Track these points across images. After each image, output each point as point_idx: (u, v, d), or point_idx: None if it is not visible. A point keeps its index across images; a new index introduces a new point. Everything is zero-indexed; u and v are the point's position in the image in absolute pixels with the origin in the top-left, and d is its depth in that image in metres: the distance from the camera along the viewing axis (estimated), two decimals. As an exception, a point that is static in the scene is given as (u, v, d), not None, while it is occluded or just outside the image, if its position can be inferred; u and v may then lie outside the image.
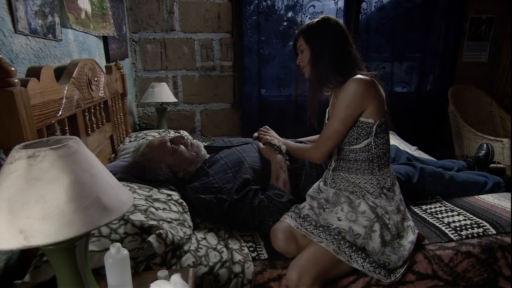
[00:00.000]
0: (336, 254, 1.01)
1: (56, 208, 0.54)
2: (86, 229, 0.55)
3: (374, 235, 1.05)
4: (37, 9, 1.11)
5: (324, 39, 1.13)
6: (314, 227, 1.09)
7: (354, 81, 1.07)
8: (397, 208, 1.11)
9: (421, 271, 1.09)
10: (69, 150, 0.58)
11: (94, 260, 0.86)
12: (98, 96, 1.53)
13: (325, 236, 1.05)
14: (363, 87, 1.06)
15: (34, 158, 0.55)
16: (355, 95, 1.06)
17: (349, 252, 1.02)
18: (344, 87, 1.09)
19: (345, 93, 1.08)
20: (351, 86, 1.07)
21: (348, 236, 1.05)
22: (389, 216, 1.09)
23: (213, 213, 1.24)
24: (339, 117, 1.09)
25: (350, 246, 1.03)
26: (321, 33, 1.14)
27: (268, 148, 1.44)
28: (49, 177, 0.55)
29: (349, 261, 1.01)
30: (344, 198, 1.12)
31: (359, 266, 1.01)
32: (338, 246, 1.03)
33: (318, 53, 1.13)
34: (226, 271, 1.00)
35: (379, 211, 1.09)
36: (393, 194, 1.14)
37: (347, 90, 1.07)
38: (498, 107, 2.94)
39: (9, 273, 0.92)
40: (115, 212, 0.60)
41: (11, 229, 0.52)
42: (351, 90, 1.07)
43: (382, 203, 1.10)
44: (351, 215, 1.08)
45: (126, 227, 0.94)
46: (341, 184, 1.16)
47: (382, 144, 1.13)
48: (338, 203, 1.11)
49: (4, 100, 0.83)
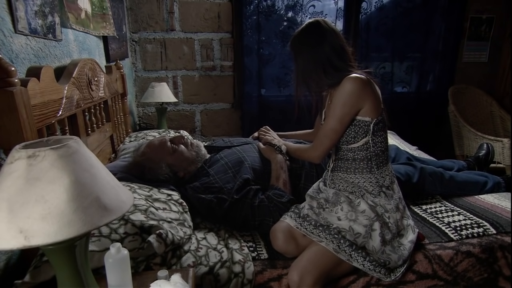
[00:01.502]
0: (336, 253, 1.01)
1: (56, 208, 0.54)
2: (86, 229, 0.55)
3: (374, 234, 1.05)
4: (37, 9, 1.11)
5: (307, 49, 1.13)
6: (313, 226, 1.09)
7: (350, 79, 1.07)
8: (396, 207, 1.11)
9: (421, 271, 1.09)
10: (69, 150, 0.58)
11: (94, 260, 0.86)
12: (98, 96, 1.53)
13: (324, 236, 1.05)
14: (358, 85, 1.06)
15: (34, 158, 0.55)
16: (351, 94, 1.06)
17: (349, 251, 1.02)
18: (340, 86, 1.09)
19: (341, 92, 1.08)
20: (347, 85, 1.07)
21: (348, 235, 1.05)
22: (388, 214, 1.09)
23: (213, 213, 1.24)
24: (336, 116, 1.09)
25: (350, 245, 1.03)
26: (303, 44, 1.14)
27: (268, 148, 1.44)
28: (49, 177, 0.55)
29: (349, 260, 1.01)
30: (344, 197, 1.11)
31: (359, 264, 1.01)
32: (338, 245, 1.03)
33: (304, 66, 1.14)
34: (226, 271, 1.00)
35: (378, 210, 1.09)
36: (392, 192, 1.14)
37: (343, 89, 1.07)
38: (498, 107, 2.94)
39: (9, 273, 0.92)
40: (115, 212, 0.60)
41: (11, 229, 0.52)
42: (347, 89, 1.06)
43: (382, 201, 1.10)
44: (351, 215, 1.08)
45: (126, 227, 0.94)
46: (340, 185, 1.16)
47: (380, 142, 1.13)
48: (337, 203, 1.11)
49: (4, 100, 0.83)
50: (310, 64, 1.13)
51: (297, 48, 1.16)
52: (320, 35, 1.11)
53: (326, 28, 1.12)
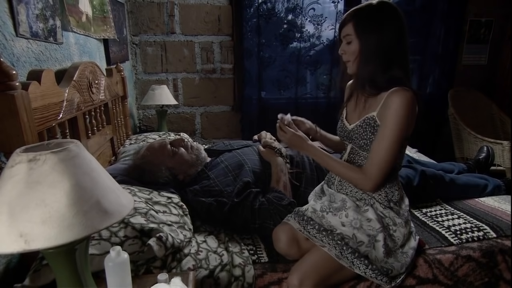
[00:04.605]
0: (338, 259, 1.00)
1: (57, 212, 0.54)
2: (86, 232, 0.55)
3: (378, 245, 1.02)
4: (39, 13, 1.12)
5: (382, 32, 0.94)
6: (317, 230, 1.06)
7: (406, 96, 0.93)
8: (406, 222, 1.07)
9: (421, 276, 1.08)
10: (70, 154, 0.58)
11: (94, 263, 0.86)
12: (98, 99, 1.54)
13: (327, 241, 1.03)
14: (413, 105, 0.95)
15: (35, 162, 0.55)
16: (407, 113, 0.94)
17: (351, 258, 1.00)
18: (393, 100, 0.94)
19: (396, 109, 0.93)
20: (403, 101, 0.93)
21: (351, 242, 1.02)
22: (396, 228, 1.05)
23: (214, 216, 1.24)
24: (391, 138, 0.96)
25: (353, 252, 1.00)
26: (381, 24, 0.94)
27: (268, 150, 1.44)
28: (49, 180, 0.55)
29: (351, 266, 0.99)
30: (350, 203, 1.08)
31: (361, 272, 0.99)
32: (340, 251, 1.00)
33: (372, 50, 0.95)
34: (226, 274, 1.00)
35: (385, 221, 1.05)
36: (399, 208, 1.09)
37: (399, 107, 0.93)
38: (498, 110, 2.94)
39: (9, 276, 0.92)
40: (116, 215, 0.60)
41: (11, 233, 0.52)
42: (403, 107, 0.93)
43: (391, 214, 1.06)
44: (355, 222, 1.04)
45: (126, 230, 0.94)
46: (348, 188, 1.12)
47: (398, 158, 1.05)
48: (343, 208, 1.08)
49: (5, 103, 0.84)
50: (377, 57, 0.96)
51: (369, 31, 0.96)
52: (402, 23, 0.95)
53: (403, 19, 0.95)
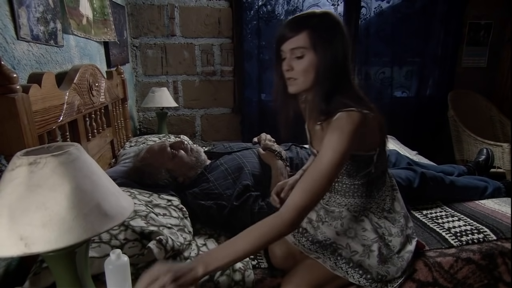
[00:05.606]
0: (333, 271, 0.98)
1: (57, 215, 0.54)
2: (86, 235, 0.55)
3: (372, 254, 1.00)
4: (39, 16, 1.12)
5: (338, 44, 0.89)
6: (311, 242, 1.04)
7: (350, 117, 0.84)
8: (401, 231, 1.05)
9: (421, 279, 1.08)
10: (70, 157, 0.58)
11: (94, 266, 0.86)
12: (99, 101, 1.54)
13: (322, 252, 1.01)
14: (360, 126, 0.84)
15: (35, 165, 0.55)
16: (353, 137, 0.83)
17: (345, 268, 0.98)
18: (337, 123, 0.85)
19: (339, 132, 0.84)
20: (347, 124, 0.83)
21: (344, 252, 1.00)
22: (392, 238, 1.03)
23: (213, 219, 1.24)
24: (333, 161, 0.83)
25: (347, 262, 0.99)
26: (337, 34, 0.89)
27: (268, 153, 1.44)
28: (50, 184, 0.55)
29: (346, 276, 0.98)
30: (346, 212, 1.06)
31: (356, 281, 0.98)
32: (335, 262, 0.99)
33: (328, 65, 0.89)
34: (226, 278, 1.00)
35: (380, 231, 1.03)
36: (395, 214, 1.06)
37: (342, 128, 0.83)
38: (497, 112, 2.95)
39: (9, 279, 0.92)
40: (116, 218, 0.60)
41: (11, 236, 0.52)
42: (346, 130, 0.83)
43: (386, 224, 1.04)
44: (350, 232, 1.03)
45: (126, 233, 0.94)
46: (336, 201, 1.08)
47: (381, 165, 1.02)
48: (339, 218, 1.06)
49: (6, 106, 0.84)
50: (330, 59, 0.89)
51: (321, 32, 0.89)
52: (339, 31, 0.90)
53: (343, 28, 0.91)
